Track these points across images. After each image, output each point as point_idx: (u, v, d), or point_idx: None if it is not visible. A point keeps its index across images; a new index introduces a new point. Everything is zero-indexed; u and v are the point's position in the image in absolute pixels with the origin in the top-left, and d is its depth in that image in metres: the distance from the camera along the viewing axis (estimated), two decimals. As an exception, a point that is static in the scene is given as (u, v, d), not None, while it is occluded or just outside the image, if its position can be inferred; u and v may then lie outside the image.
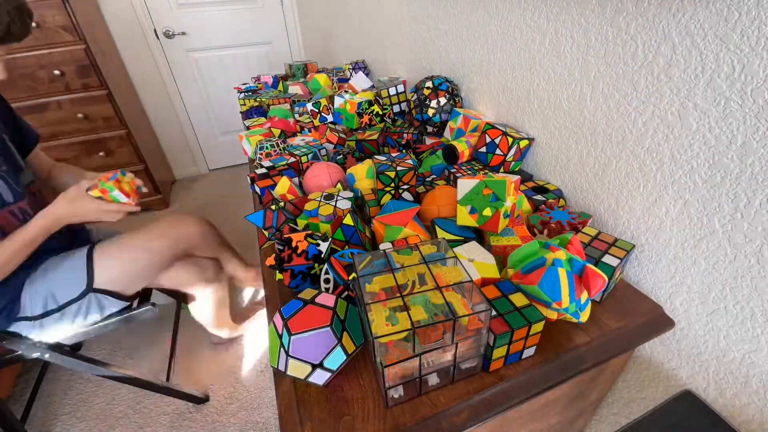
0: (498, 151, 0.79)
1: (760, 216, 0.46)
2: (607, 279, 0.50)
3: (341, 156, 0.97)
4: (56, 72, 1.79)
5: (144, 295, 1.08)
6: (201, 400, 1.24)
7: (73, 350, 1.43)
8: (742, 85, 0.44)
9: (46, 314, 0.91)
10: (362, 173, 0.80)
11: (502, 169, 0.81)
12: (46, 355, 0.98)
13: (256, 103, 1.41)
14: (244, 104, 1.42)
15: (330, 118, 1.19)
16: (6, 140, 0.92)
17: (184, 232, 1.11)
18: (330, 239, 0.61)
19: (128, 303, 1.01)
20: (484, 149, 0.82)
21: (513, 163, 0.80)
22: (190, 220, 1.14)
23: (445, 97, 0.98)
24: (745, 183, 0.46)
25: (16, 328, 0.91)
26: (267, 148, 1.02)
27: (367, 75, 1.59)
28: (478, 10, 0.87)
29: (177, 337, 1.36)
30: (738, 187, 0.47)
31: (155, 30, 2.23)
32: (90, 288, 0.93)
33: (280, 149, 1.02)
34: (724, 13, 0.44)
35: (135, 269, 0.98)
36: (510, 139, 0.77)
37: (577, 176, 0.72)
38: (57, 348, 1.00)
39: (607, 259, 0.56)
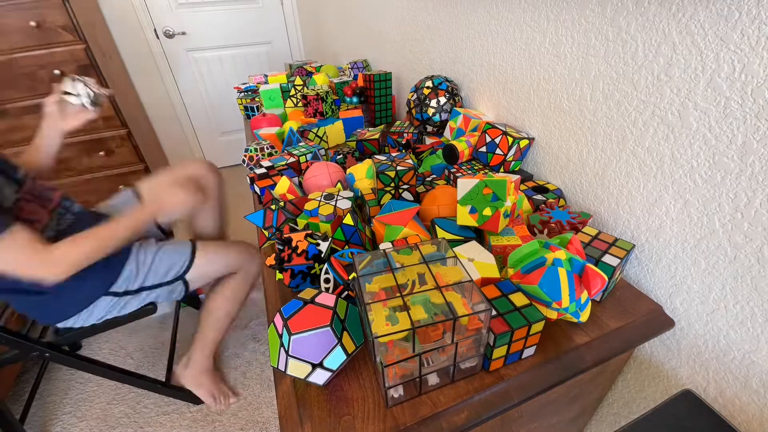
0: (498, 151, 0.79)
1: (760, 216, 0.46)
2: (607, 279, 0.51)
3: (341, 156, 0.97)
4: (56, 72, 1.79)
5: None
6: (201, 400, 1.24)
7: (73, 350, 1.43)
8: (742, 85, 0.44)
9: (140, 290, 0.97)
10: (362, 173, 0.80)
11: (502, 169, 0.81)
12: (46, 355, 0.98)
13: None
14: (241, 104, 1.42)
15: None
16: None
17: (249, 265, 1.13)
18: (330, 239, 0.61)
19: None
20: (484, 149, 0.82)
21: (513, 162, 0.80)
22: (257, 261, 1.15)
23: (445, 96, 0.98)
24: (745, 182, 0.46)
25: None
26: (251, 151, 0.99)
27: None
28: (478, 10, 0.87)
29: (177, 337, 1.36)
30: (738, 186, 0.47)
31: (155, 30, 2.23)
32: (182, 276, 1.00)
33: (264, 155, 0.99)
34: (724, 12, 0.44)
35: (212, 274, 1.06)
36: (510, 139, 0.77)
37: (577, 176, 0.72)
38: (57, 348, 1.00)
39: (607, 258, 0.56)
